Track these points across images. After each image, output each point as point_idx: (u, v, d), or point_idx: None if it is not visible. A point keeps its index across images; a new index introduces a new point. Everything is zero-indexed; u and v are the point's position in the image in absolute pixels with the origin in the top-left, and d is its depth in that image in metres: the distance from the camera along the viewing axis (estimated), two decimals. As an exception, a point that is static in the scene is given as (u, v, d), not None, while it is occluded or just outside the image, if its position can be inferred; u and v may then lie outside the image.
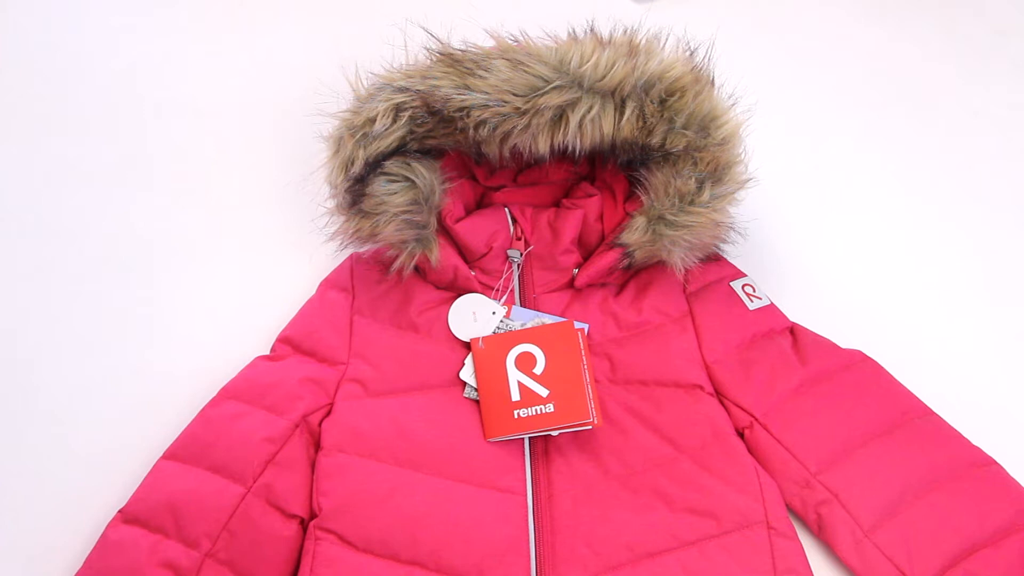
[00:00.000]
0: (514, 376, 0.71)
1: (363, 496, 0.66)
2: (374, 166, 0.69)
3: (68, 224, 0.87)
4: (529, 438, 0.69)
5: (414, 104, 0.67)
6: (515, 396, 0.70)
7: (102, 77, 1.00)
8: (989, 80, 0.97)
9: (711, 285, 0.77)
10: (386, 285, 0.77)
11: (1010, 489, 0.65)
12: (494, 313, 0.75)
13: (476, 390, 0.72)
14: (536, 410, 0.69)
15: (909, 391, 0.71)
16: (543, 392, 0.70)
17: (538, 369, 0.71)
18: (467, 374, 0.72)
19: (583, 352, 0.72)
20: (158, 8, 1.07)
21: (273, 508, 0.65)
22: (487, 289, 0.76)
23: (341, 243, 0.74)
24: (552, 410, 0.69)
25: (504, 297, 0.76)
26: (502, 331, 0.74)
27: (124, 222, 0.87)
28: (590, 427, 0.68)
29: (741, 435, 0.70)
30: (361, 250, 0.78)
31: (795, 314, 0.77)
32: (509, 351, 0.72)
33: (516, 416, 0.69)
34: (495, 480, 0.67)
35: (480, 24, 0.70)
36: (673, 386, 0.71)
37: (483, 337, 0.73)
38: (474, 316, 0.75)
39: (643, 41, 0.68)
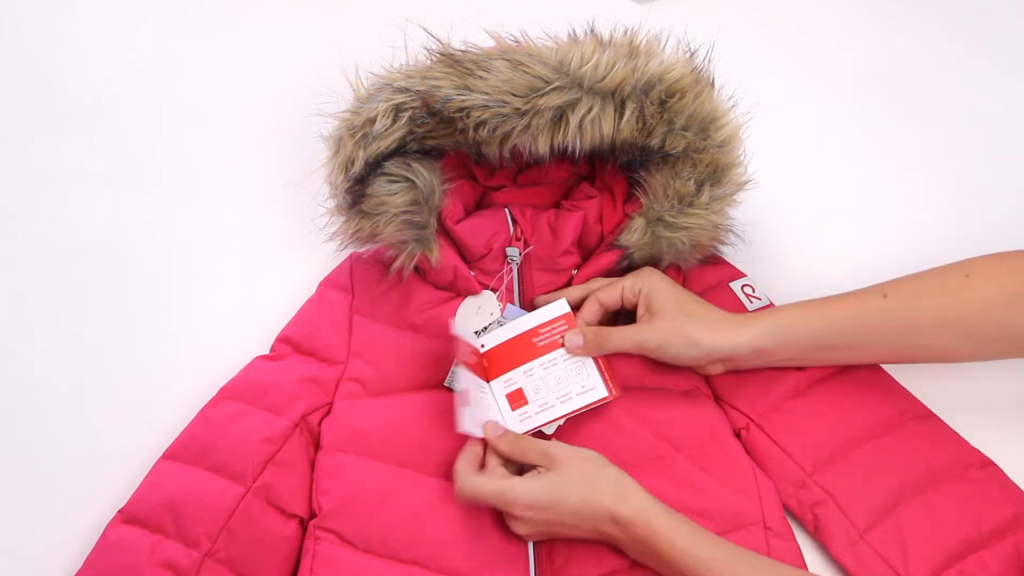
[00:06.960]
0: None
1: (363, 496, 0.66)
2: (374, 166, 0.69)
3: (67, 224, 0.87)
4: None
5: (414, 104, 0.67)
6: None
7: (101, 78, 1.00)
8: (990, 80, 0.97)
9: (710, 286, 0.77)
10: (386, 285, 0.77)
11: (1008, 491, 0.65)
12: (491, 313, 0.75)
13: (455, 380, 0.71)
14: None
15: (908, 392, 0.71)
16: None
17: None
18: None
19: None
20: (159, 9, 1.07)
21: (273, 508, 0.65)
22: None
23: (341, 243, 0.74)
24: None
25: (505, 301, 0.76)
26: (495, 329, 0.74)
27: (123, 222, 0.87)
28: (609, 400, 0.68)
29: (738, 436, 0.70)
30: (361, 250, 0.78)
31: (794, 315, 0.76)
32: (499, 377, 0.71)
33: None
34: (494, 480, 0.67)
35: (480, 24, 0.70)
36: (672, 387, 0.71)
37: (480, 351, 0.73)
38: (478, 311, 0.75)
39: (643, 42, 0.68)
